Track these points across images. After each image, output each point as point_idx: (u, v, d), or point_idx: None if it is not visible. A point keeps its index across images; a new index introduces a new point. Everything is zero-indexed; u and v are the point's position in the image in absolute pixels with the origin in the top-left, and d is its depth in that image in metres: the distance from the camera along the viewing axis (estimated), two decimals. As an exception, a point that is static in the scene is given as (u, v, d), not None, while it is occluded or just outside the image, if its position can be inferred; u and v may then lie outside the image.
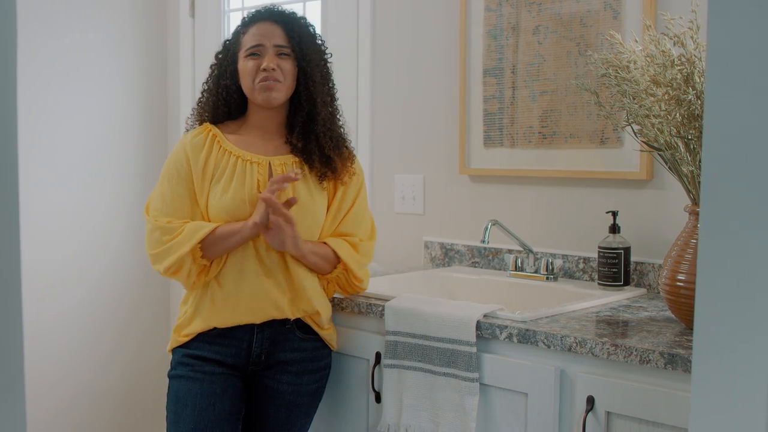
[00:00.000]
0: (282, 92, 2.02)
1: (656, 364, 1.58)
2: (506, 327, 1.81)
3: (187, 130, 2.12)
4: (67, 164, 3.25)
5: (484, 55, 2.60)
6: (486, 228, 2.29)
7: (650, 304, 2.08)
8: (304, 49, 2.01)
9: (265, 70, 1.98)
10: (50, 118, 3.19)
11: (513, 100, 2.54)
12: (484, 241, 2.29)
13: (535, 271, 2.40)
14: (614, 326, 1.82)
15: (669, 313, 1.93)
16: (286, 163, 2.04)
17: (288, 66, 2.01)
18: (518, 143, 2.53)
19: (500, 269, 2.57)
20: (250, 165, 2.01)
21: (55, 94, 3.20)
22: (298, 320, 2.04)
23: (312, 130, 2.04)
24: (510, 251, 2.55)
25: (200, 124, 2.10)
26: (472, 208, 2.67)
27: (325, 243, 2.04)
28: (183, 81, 3.53)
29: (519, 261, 2.45)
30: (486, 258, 2.61)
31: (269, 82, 1.98)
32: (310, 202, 2.03)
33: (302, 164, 2.05)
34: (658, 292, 2.22)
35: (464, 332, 1.85)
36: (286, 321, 2.02)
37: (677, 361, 1.55)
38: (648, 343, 1.64)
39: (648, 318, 1.90)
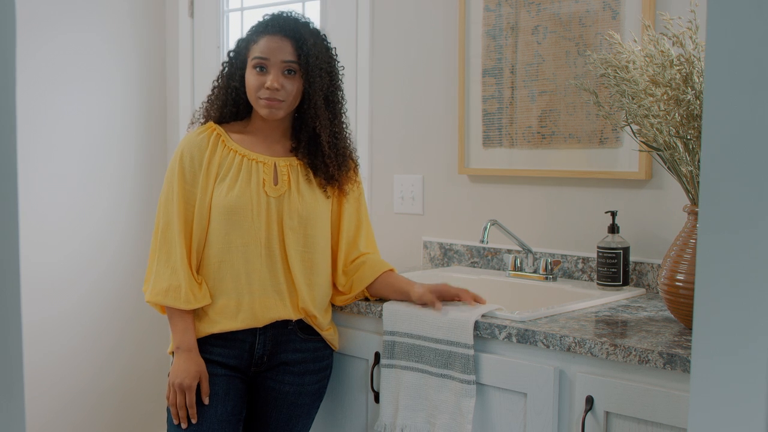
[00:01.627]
0: (283, 110, 2.01)
1: (655, 364, 1.58)
2: (505, 327, 1.81)
3: (192, 123, 2.12)
4: (66, 164, 3.25)
5: (483, 55, 2.60)
6: (485, 228, 2.29)
7: (649, 304, 2.08)
8: (310, 70, 1.99)
9: (268, 88, 1.97)
10: (48, 118, 3.19)
11: (512, 100, 2.54)
12: (483, 241, 2.29)
13: (534, 271, 2.40)
14: (613, 326, 1.82)
15: (668, 313, 1.93)
16: (292, 164, 2.05)
17: (292, 85, 1.99)
18: (517, 143, 2.53)
19: (499, 269, 2.57)
20: (256, 164, 2.01)
21: (54, 94, 3.20)
22: (299, 321, 2.04)
23: (317, 147, 2.04)
24: (509, 251, 2.55)
25: (206, 120, 2.10)
26: (471, 208, 2.67)
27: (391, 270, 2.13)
28: (182, 81, 3.53)
29: (518, 261, 2.45)
30: (485, 258, 2.62)
31: (271, 102, 1.98)
32: (317, 207, 2.03)
33: (307, 169, 2.06)
34: (657, 292, 2.22)
35: (461, 334, 1.85)
36: (288, 322, 2.02)
37: (676, 361, 1.55)
38: (647, 343, 1.64)
39: (647, 318, 1.90)
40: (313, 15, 3.13)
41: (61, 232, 3.24)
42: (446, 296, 1.97)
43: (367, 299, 2.13)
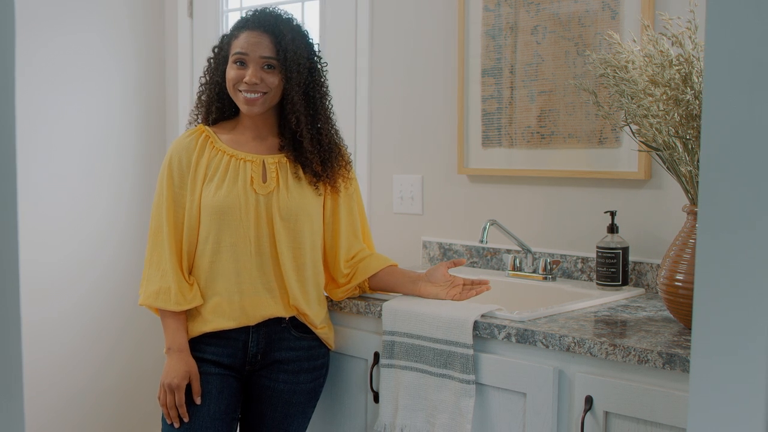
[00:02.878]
0: (264, 105, 2.02)
1: (654, 364, 1.58)
2: (504, 327, 1.81)
3: (190, 123, 2.14)
4: (65, 165, 3.25)
5: (482, 55, 2.60)
6: (484, 228, 2.29)
7: (648, 303, 2.08)
8: (288, 66, 1.99)
9: (246, 83, 1.98)
10: (48, 118, 3.19)
11: (511, 100, 2.54)
12: (482, 241, 2.29)
13: (534, 271, 2.40)
14: (612, 326, 1.82)
15: (667, 313, 1.93)
16: (280, 161, 2.05)
17: (272, 79, 2.00)
18: (516, 143, 2.53)
19: (499, 269, 2.57)
20: (244, 163, 2.02)
21: (53, 94, 3.20)
22: (293, 319, 2.04)
23: (301, 143, 2.05)
24: (508, 251, 2.55)
25: (195, 120, 2.12)
26: (471, 208, 2.67)
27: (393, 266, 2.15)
28: (181, 81, 3.53)
29: (517, 261, 2.45)
30: (484, 258, 2.62)
31: (250, 96, 1.99)
32: (306, 204, 2.03)
33: (296, 165, 2.06)
34: (657, 292, 2.22)
35: (461, 334, 1.85)
36: (281, 320, 2.03)
37: (675, 361, 1.55)
38: (646, 342, 1.64)
39: (646, 318, 1.90)
40: (312, 15, 3.13)
41: (61, 232, 3.24)
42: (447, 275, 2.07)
43: (363, 297, 2.13)
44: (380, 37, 2.91)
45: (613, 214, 2.25)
